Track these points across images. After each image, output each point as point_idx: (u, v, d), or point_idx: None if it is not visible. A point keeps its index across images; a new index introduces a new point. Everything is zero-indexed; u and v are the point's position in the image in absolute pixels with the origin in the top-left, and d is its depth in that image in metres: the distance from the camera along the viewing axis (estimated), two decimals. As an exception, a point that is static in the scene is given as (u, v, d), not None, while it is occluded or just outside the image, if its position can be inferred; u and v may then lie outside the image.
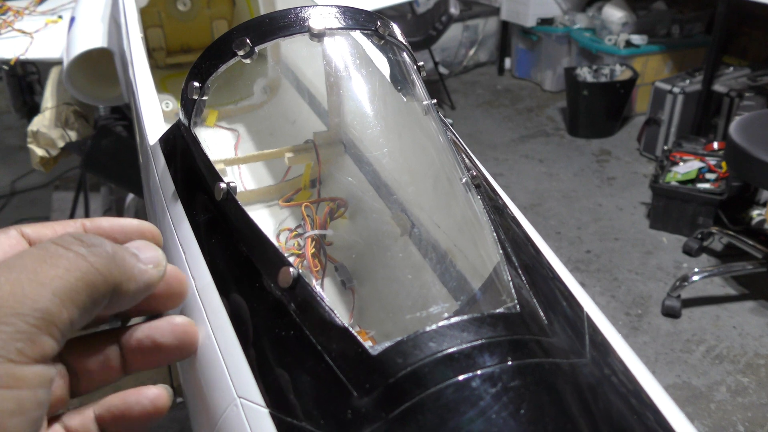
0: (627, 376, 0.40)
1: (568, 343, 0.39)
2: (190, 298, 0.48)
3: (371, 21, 0.61)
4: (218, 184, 0.50)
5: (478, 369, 0.35)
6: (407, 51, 0.67)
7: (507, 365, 0.35)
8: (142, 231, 0.41)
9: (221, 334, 0.42)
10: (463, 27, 4.41)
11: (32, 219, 2.89)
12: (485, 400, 0.33)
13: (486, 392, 0.34)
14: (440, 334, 0.37)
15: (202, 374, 0.42)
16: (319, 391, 0.37)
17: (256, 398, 0.38)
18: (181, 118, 0.60)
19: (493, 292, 0.44)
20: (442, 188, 0.68)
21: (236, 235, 0.48)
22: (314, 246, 0.86)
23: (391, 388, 0.35)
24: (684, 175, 2.67)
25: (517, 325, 0.38)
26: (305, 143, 0.99)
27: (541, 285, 0.44)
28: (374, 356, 0.36)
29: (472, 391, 0.34)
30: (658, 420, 0.38)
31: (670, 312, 2.29)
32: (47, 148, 1.46)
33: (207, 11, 1.55)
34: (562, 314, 0.42)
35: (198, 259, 0.49)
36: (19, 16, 1.98)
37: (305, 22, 0.58)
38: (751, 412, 1.94)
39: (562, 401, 0.35)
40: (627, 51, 3.57)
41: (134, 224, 0.41)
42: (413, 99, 0.68)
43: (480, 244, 0.53)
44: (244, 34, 0.56)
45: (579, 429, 0.34)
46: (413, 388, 0.34)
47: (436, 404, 0.34)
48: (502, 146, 3.57)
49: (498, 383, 0.34)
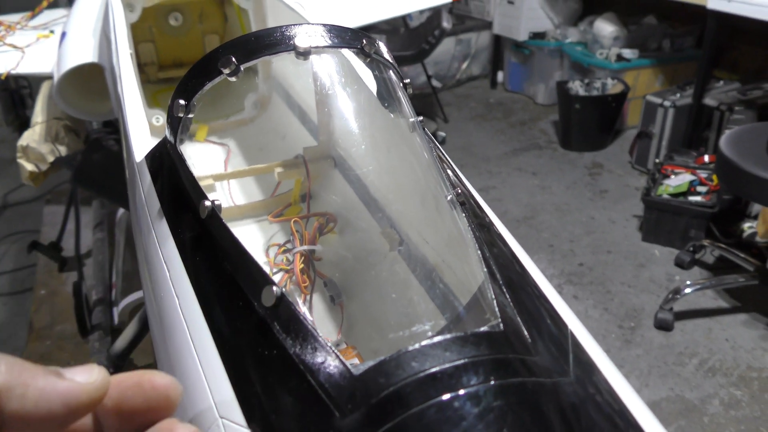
0: (611, 394, 0.40)
1: (552, 362, 0.39)
2: (173, 316, 0.47)
3: (357, 39, 0.61)
4: (203, 202, 0.50)
5: (461, 389, 0.34)
6: (393, 68, 0.67)
7: (490, 385, 0.35)
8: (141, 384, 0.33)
9: (204, 353, 0.42)
10: (456, 41, 4.43)
11: (24, 232, 2.88)
12: (468, 420, 0.33)
13: (469, 412, 0.33)
14: (423, 353, 0.36)
15: (185, 393, 0.41)
16: (301, 411, 0.36)
17: (238, 418, 0.38)
18: (168, 135, 0.60)
19: (477, 310, 0.44)
20: (429, 204, 0.68)
21: (220, 253, 0.48)
22: (303, 261, 0.85)
23: (374, 408, 0.35)
24: (675, 188, 2.68)
25: (500, 344, 0.38)
26: (295, 158, 0.99)
27: (526, 303, 0.44)
28: (357, 376, 0.36)
29: (455, 411, 0.33)
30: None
31: (662, 325, 2.29)
32: (37, 162, 1.46)
33: (199, 26, 1.55)
34: (546, 332, 0.42)
35: (182, 277, 0.49)
36: (11, 30, 1.98)
37: (291, 40, 0.58)
38: (744, 425, 1.93)
39: (545, 421, 0.34)
40: (618, 65, 3.60)
41: (133, 378, 0.33)
42: (400, 116, 0.68)
43: (465, 260, 0.53)
44: (230, 52, 0.56)
45: (562, 449, 0.33)
46: (396, 407, 0.34)
47: (419, 424, 0.34)
48: (495, 159, 3.58)
49: (481, 403, 0.34)
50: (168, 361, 0.46)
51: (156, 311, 0.52)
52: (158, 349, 0.51)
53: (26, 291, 2.48)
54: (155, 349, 0.53)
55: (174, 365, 0.45)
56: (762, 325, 2.31)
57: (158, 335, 0.50)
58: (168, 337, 0.47)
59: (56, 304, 1.73)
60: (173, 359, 0.45)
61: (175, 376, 0.43)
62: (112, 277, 1.73)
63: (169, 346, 0.47)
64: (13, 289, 2.58)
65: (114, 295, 1.66)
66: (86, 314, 1.55)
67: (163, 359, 0.49)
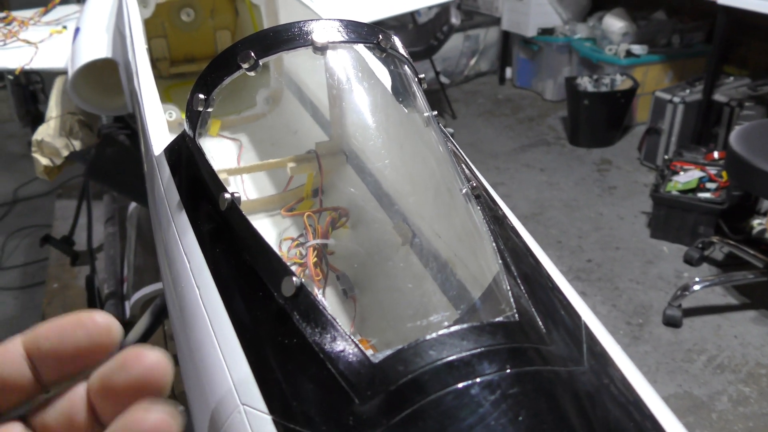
0: (625, 384, 0.41)
1: (567, 352, 0.40)
2: (194, 306, 0.48)
3: (373, 34, 0.62)
4: (222, 195, 0.51)
5: (477, 376, 0.35)
6: (408, 63, 0.68)
7: (506, 373, 0.36)
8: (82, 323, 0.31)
9: (225, 342, 0.43)
10: (464, 37, 4.43)
11: (35, 227, 2.90)
12: (484, 407, 0.34)
13: (485, 399, 0.34)
14: (440, 342, 0.37)
15: (207, 381, 0.42)
16: (321, 398, 0.37)
17: (260, 405, 0.38)
18: (186, 129, 0.61)
19: (492, 301, 0.45)
20: (442, 198, 0.69)
21: (240, 244, 0.49)
22: (316, 255, 0.86)
23: (392, 395, 0.35)
24: (685, 184, 2.68)
25: (515, 334, 0.39)
26: (307, 153, 1.00)
27: (540, 294, 0.45)
28: (376, 364, 0.37)
29: (471, 398, 0.34)
30: (656, 428, 0.38)
31: (671, 321, 2.29)
32: (51, 157, 1.47)
33: (210, 22, 1.56)
34: (560, 323, 0.43)
35: (202, 268, 0.50)
36: (24, 26, 1.99)
37: (308, 35, 0.58)
38: (753, 422, 1.93)
39: (560, 408, 0.35)
40: (627, 61, 3.58)
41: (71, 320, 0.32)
42: (414, 110, 0.69)
43: (480, 254, 0.54)
44: (249, 47, 0.57)
45: (577, 436, 0.34)
46: (414, 394, 0.35)
47: (436, 411, 0.35)
48: (503, 155, 3.58)
49: (497, 390, 0.35)
50: (189, 350, 0.48)
51: (176, 302, 0.53)
52: (179, 339, 0.52)
53: (37, 285, 2.51)
54: (176, 339, 0.54)
55: (195, 355, 0.46)
56: (771, 322, 2.30)
57: (179, 326, 0.52)
58: (189, 327, 0.48)
59: (68, 298, 1.75)
60: (194, 349, 0.46)
61: (196, 365, 0.45)
62: (123, 271, 1.74)
63: (189, 336, 0.48)
64: (24, 283, 2.61)
65: (126, 288, 1.68)
66: (99, 307, 1.57)
67: (184, 349, 0.50)
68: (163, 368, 0.31)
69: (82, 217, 1.98)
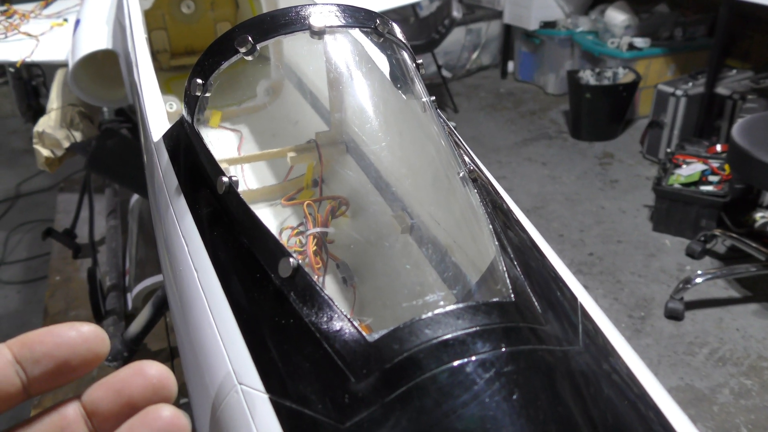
0: (620, 364, 0.41)
1: (562, 332, 0.40)
2: (192, 288, 0.48)
3: (370, 19, 0.61)
4: (220, 178, 0.51)
5: (472, 355, 0.35)
6: (406, 49, 0.68)
7: (501, 351, 0.36)
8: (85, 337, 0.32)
9: (222, 323, 0.43)
10: (466, 30, 4.42)
11: (38, 221, 2.91)
12: (479, 385, 0.34)
13: (480, 377, 0.34)
14: (436, 321, 0.37)
15: (204, 362, 0.42)
16: (317, 377, 0.37)
17: (256, 384, 0.39)
18: (185, 114, 0.61)
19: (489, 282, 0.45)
20: (441, 185, 0.69)
21: (238, 227, 0.49)
22: (316, 244, 0.86)
23: (388, 373, 0.36)
24: (687, 177, 2.67)
25: (511, 313, 0.39)
26: (307, 143, 1.00)
27: (536, 276, 0.45)
28: (371, 343, 0.37)
29: (466, 376, 0.34)
30: (650, 406, 0.39)
31: (673, 314, 2.29)
32: (52, 148, 1.48)
33: (211, 14, 1.56)
34: (556, 304, 0.43)
35: (200, 251, 0.50)
36: (25, 19, 2.00)
37: (306, 20, 0.58)
38: (755, 415, 1.93)
39: (554, 386, 0.35)
40: (630, 54, 3.57)
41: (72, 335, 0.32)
42: (412, 97, 0.69)
43: (477, 237, 0.54)
44: (246, 31, 0.57)
45: (571, 413, 0.34)
46: (409, 372, 0.35)
47: (431, 388, 0.35)
48: (505, 149, 3.57)
49: (492, 369, 0.35)
50: (187, 332, 0.48)
51: (175, 285, 0.53)
52: (177, 321, 0.52)
53: (40, 279, 2.51)
54: (174, 322, 0.54)
55: (193, 336, 0.46)
56: (773, 315, 2.30)
57: (177, 308, 0.52)
58: (187, 309, 0.49)
59: (71, 290, 1.76)
60: (192, 330, 0.47)
61: (194, 346, 0.45)
62: (125, 264, 1.75)
63: (188, 318, 0.48)
64: (27, 277, 2.62)
65: (127, 281, 1.68)
66: (101, 300, 1.57)
67: (182, 331, 0.50)
68: (168, 380, 0.31)
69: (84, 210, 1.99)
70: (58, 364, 0.31)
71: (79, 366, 0.31)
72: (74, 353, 0.31)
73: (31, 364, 0.31)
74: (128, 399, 0.31)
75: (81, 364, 0.31)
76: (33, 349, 0.31)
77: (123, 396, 0.31)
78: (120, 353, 1.40)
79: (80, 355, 0.31)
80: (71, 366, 0.31)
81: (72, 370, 0.31)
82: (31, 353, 0.31)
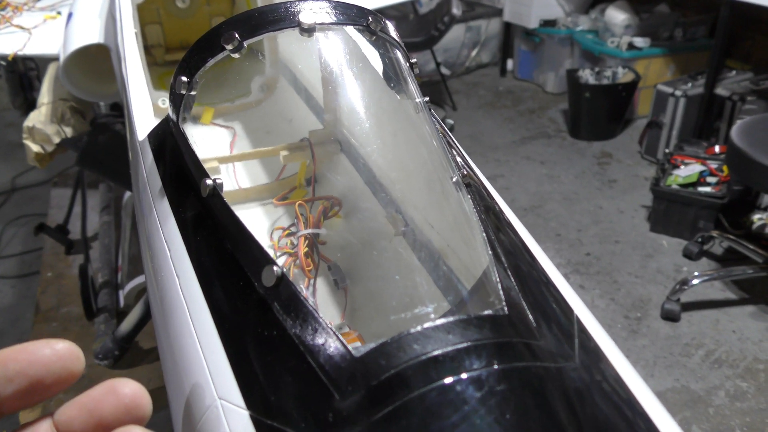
0: (617, 381, 0.39)
1: (557, 347, 0.38)
2: (173, 296, 0.47)
3: (362, 16, 0.59)
4: (204, 181, 0.49)
5: (463, 372, 0.34)
6: (400, 48, 0.66)
7: (493, 369, 0.34)
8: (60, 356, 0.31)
9: (203, 333, 0.41)
10: (466, 28, 4.39)
11: (32, 216, 2.89)
12: (470, 404, 0.32)
13: (471, 396, 0.32)
14: (425, 336, 0.35)
15: (184, 372, 0.40)
16: (300, 393, 0.36)
17: (237, 400, 0.37)
18: (170, 113, 0.59)
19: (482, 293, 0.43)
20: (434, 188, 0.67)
21: (221, 232, 0.47)
22: (307, 245, 0.85)
23: (374, 391, 0.34)
24: (685, 178, 2.66)
25: (504, 328, 0.37)
26: (301, 141, 0.98)
27: (531, 287, 0.43)
28: (357, 358, 0.35)
29: (456, 395, 0.33)
30: (648, 427, 0.37)
31: (669, 315, 2.28)
32: (43, 143, 1.45)
33: (206, 8, 1.54)
34: (551, 317, 0.41)
35: (182, 256, 0.48)
36: (18, 11, 1.97)
37: (295, 16, 0.56)
38: (750, 417, 1.92)
39: (548, 406, 0.33)
40: (629, 53, 3.56)
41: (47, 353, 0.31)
42: (405, 97, 0.67)
43: (470, 243, 0.52)
44: (233, 28, 0.55)
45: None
46: (397, 390, 0.33)
47: (420, 407, 0.33)
48: (504, 147, 3.56)
49: (483, 387, 0.33)
50: (167, 341, 0.46)
51: (156, 291, 0.51)
52: (158, 328, 0.50)
53: (33, 274, 2.49)
54: (155, 328, 0.53)
55: (173, 345, 0.44)
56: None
57: (158, 315, 0.50)
58: (168, 316, 0.47)
59: (63, 287, 1.74)
60: (172, 339, 0.45)
61: (174, 355, 0.43)
62: (118, 261, 1.73)
63: (168, 325, 0.46)
64: (20, 272, 2.60)
65: (120, 278, 1.66)
66: (92, 297, 1.55)
67: (162, 339, 0.48)
68: (141, 399, 0.31)
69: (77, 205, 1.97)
70: (32, 382, 0.31)
71: (53, 384, 0.31)
72: (48, 371, 0.31)
73: (4, 383, 0.30)
74: (100, 419, 0.30)
75: (55, 382, 0.31)
76: (6, 366, 0.31)
77: (95, 416, 0.30)
78: (111, 351, 1.38)
79: (54, 373, 0.31)
80: (45, 384, 0.31)
81: (46, 388, 0.31)
82: (4, 371, 0.30)
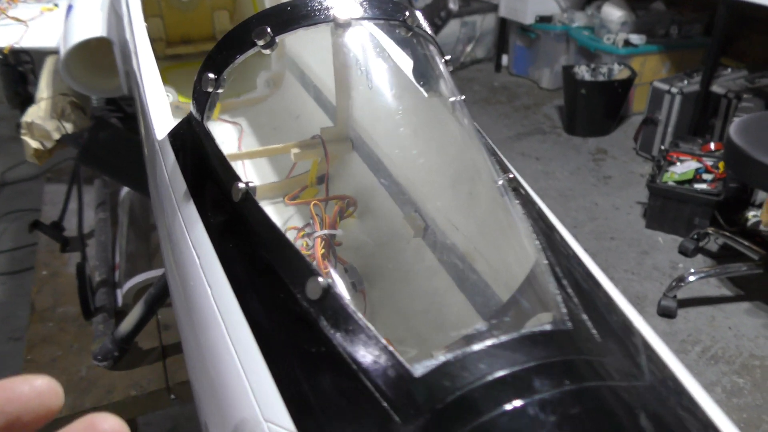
0: (690, 401, 0.37)
1: (625, 364, 0.36)
2: (205, 307, 0.44)
3: (399, 11, 0.57)
4: (236, 184, 0.47)
5: (533, 394, 0.31)
6: (434, 43, 0.63)
7: (564, 390, 0.32)
8: None
9: (243, 349, 0.39)
10: (461, 23, 4.37)
11: (24, 210, 2.84)
12: (545, 429, 0.30)
13: (545, 421, 0.30)
14: (489, 354, 0.33)
15: (222, 392, 0.38)
16: (356, 416, 0.33)
17: (285, 422, 0.34)
18: (193, 112, 0.56)
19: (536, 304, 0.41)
20: (462, 189, 0.65)
21: (257, 240, 0.44)
22: (323, 246, 0.82)
23: (440, 415, 0.31)
24: (681, 175, 2.66)
25: (569, 344, 0.35)
26: (312, 139, 0.95)
27: (589, 299, 0.41)
28: (418, 378, 0.33)
29: (529, 420, 0.30)
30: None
31: (665, 312, 2.28)
32: (42, 140, 1.41)
33: (208, 1, 1.51)
34: (613, 331, 0.39)
35: (214, 265, 0.45)
36: (14, 3, 1.92)
37: (329, 11, 0.54)
38: (746, 413, 1.93)
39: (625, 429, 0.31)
40: (625, 50, 3.55)
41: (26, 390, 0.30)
42: (437, 94, 0.64)
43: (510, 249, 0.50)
44: (265, 22, 0.52)
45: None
46: (464, 414, 0.31)
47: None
48: (499, 144, 3.52)
49: (557, 410, 0.31)
50: (201, 357, 0.43)
51: (184, 300, 0.48)
52: (188, 343, 0.47)
53: (26, 270, 2.45)
54: (184, 343, 0.49)
55: (209, 363, 0.41)
56: (765, 314, 2.30)
57: (188, 328, 0.47)
58: (200, 330, 0.44)
59: (58, 285, 1.69)
60: (207, 356, 0.42)
61: (210, 373, 0.40)
62: (115, 258, 1.69)
63: (201, 340, 0.43)
64: (12, 268, 2.55)
65: (117, 276, 1.63)
66: (90, 296, 1.52)
67: (194, 355, 0.45)
68: None
69: (72, 202, 1.92)
70: (9, 420, 0.29)
71: (31, 422, 0.29)
72: (26, 409, 0.29)
73: None
74: None
75: (33, 419, 0.29)
76: None
77: None
78: (110, 352, 1.35)
79: (32, 410, 0.29)
80: (22, 422, 0.29)
81: (23, 426, 0.29)
82: None
